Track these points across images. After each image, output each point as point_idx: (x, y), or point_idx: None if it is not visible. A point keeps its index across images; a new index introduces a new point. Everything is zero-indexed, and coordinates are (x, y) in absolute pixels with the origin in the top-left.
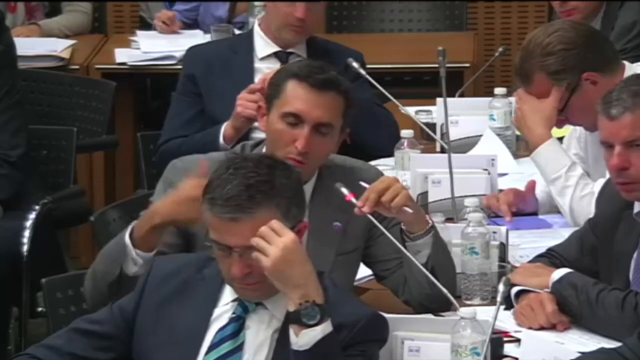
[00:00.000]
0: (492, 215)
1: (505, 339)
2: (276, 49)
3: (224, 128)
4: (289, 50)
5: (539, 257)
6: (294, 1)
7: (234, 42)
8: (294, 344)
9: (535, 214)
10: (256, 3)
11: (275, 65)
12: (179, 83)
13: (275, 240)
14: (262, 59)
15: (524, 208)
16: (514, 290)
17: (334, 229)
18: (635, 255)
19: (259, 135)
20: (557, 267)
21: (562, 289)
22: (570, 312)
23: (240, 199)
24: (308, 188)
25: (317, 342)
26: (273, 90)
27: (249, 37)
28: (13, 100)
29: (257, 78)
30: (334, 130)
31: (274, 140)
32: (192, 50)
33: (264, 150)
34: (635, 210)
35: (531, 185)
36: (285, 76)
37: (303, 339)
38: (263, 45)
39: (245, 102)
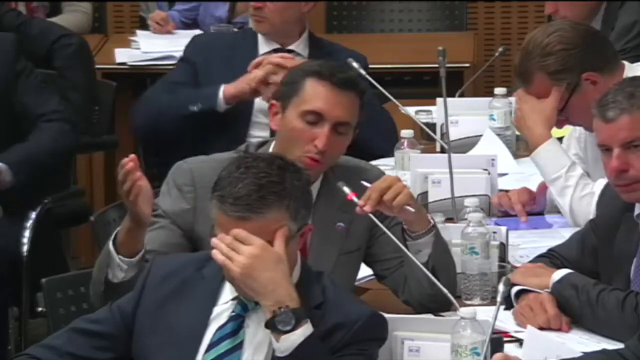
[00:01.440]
0: (500, 215)
1: (505, 339)
2: (276, 46)
3: (223, 89)
4: (288, 47)
5: (539, 257)
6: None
7: (237, 36)
8: (277, 350)
9: (541, 213)
10: None
11: None
12: (177, 66)
13: (242, 249)
14: (263, 55)
15: (534, 208)
16: (514, 290)
17: (337, 229)
18: (635, 256)
19: (260, 133)
20: (558, 267)
21: (562, 289)
22: (570, 312)
23: (251, 198)
24: (314, 189)
25: (298, 346)
26: (290, 88)
27: (253, 34)
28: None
29: None
30: (351, 129)
31: (291, 138)
32: (197, 39)
33: (270, 149)
34: (636, 212)
35: (543, 187)
36: (304, 74)
37: (283, 344)
38: (264, 42)
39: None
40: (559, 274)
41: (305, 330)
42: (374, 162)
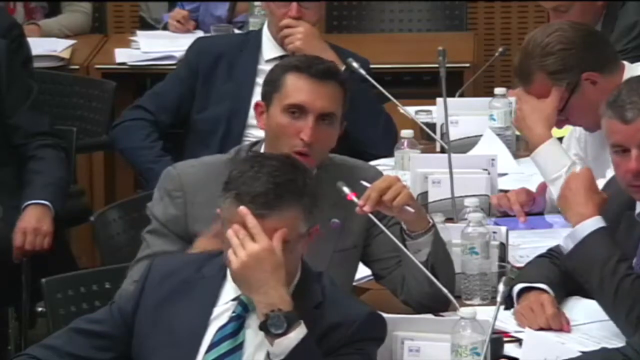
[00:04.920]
0: (499, 215)
1: (505, 339)
2: (282, 52)
3: None
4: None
5: (539, 257)
6: (284, 1)
7: (242, 39)
8: (272, 354)
9: (541, 213)
10: (256, 3)
11: None
12: (181, 68)
13: (247, 246)
14: (268, 61)
15: (533, 209)
16: (516, 288)
17: (331, 226)
18: (635, 255)
19: (260, 133)
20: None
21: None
22: (584, 285)
23: (268, 197)
24: None
25: (292, 350)
26: (271, 85)
27: (257, 37)
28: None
29: (260, 79)
30: (336, 120)
31: (277, 134)
32: (203, 42)
33: (262, 149)
34: (637, 210)
35: (542, 187)
36: (284, 70)
37: (278, 348)
38: (270, 48)
39: None
40: (586, 227)
41: (298, 333)
42: (374, 162)
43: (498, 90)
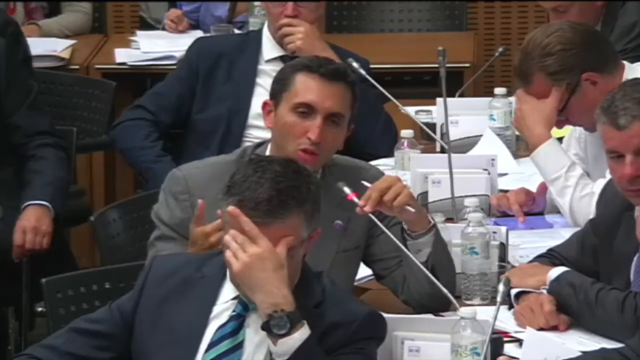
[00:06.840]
0: (499, 215)
1: (505, 339)
2: (282, 52)
3: None
4: (296, 55)
5: (539, 257)
6: (282, 0)
7: (242, 40)
8: (274, 354)
9: (541, 213)
10: (256, 3)
11: (280, 68)
12: (181, 68)
13: (248, 247)
14: (268, 61)
15: (533, 209)
16: (513, 291)
17: (335, 227)
18: (635, 256)
19: (259, 134)
20: (556, 266)
21: (560, 288)
22: (569, 311)
23: (271, 204)
24: None
25: (296, 351)
26: (281, 84)
27: (257, 37)
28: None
29: (260, 80)
30: (344, 121)
31: (285, 133)
32: (203, 43)
33: (267, 150)
34: (637, 212)
35: (542, 187)
36: (294, 69)
37: (281, 348)
38: (270, 48)
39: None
40: (556, 272)
41: (302, 334)
42: (373, 162)
43: (498, 90)
